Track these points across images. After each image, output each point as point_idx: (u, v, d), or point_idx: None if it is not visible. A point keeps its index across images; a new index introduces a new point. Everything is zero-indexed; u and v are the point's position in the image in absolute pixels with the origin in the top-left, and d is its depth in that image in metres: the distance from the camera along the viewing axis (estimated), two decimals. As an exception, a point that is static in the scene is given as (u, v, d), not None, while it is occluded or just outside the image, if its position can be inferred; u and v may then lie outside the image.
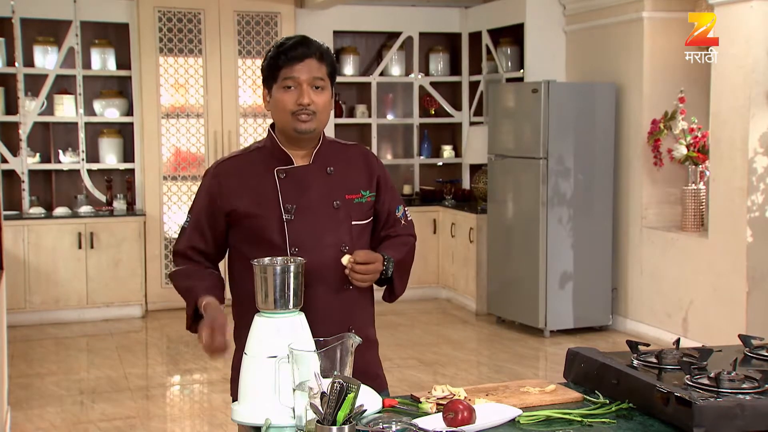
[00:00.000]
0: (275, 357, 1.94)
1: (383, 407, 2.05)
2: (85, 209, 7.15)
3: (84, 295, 7.04)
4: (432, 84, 8.25)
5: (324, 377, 1.78)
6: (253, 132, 7.60)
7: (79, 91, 7.29)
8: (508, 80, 7.48)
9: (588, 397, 2.14)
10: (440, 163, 8.41)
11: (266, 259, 2.09)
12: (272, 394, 1.94)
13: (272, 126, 2.40)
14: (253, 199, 2.33)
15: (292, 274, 2.03)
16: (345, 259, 2.27)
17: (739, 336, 2.45)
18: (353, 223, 2.37)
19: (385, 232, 2.47)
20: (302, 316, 2.06)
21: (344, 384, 1.68)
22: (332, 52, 2.41)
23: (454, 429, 1.88)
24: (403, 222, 2.49)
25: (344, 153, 2.44)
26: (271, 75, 2.33)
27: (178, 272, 2.40)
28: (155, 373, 5.85)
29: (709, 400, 1.89)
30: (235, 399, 2.15)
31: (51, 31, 7.29)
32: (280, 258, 2.10)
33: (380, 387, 2.36)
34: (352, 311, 2.36)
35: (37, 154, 7.26)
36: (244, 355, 2.04)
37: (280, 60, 2.29)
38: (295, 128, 2.31)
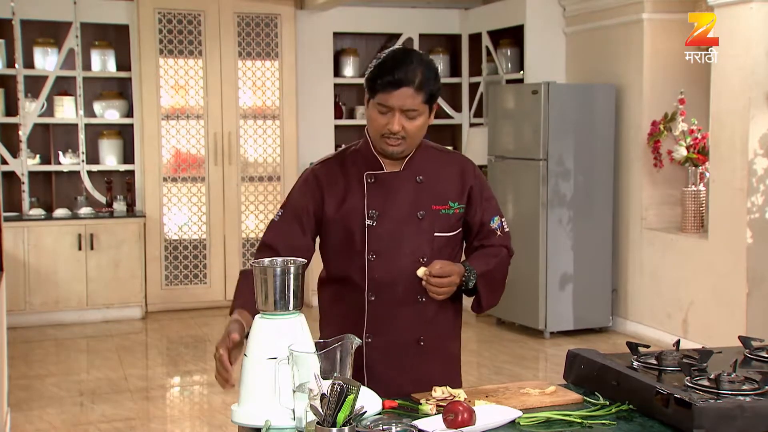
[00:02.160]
0: (276, 358, 1.94)
1: (383, 409, 2.05)
2: (85, 210, 7.15)
3: (84, 297, 7.04)
4: (432, 85, 8.24)
5: (324, 379, 1.78)
6: (252, 133, 7.60)
7: (79, 92, 7.29)
8: (508, 81, 7.48)
9: (588, 399, 2.14)
10: (440, 165, 8.40)
11: (266, 261, 2.09)
12: (273, 395, 1.94)
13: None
14: (341, 202, 2.34)
15: (292, 276, 2.03)
16: (421, 271, 2.25)
17: (739, 337, 2.45)
18: (436, 234, 2.34)
19: (478, 242, 2.43)
20: (302, 318, 2.06)
21: (344, 385, 1.68)
22: (432, 68, 2.28)
23: (454, 430, 1.87)
24: (499, 233, 2.43)
25: (440, 161, 2.40)
26: (370, 89, 2.30)
27: (245, 272, 2.30)
28: (155, 374, 5.85)
29: (709, 401, 1.89)
30: None
31: (51, 32, 7.30)
32: (279, 259, 2.10)
33: None
34: (424, 323, 2.35)
35: (37, 156, 7.26)
36: (244, 356, 2.04)
37: (377, 84, 2.26)
38: (383, 150, 2.31)
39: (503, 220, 2.46)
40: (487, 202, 2.43)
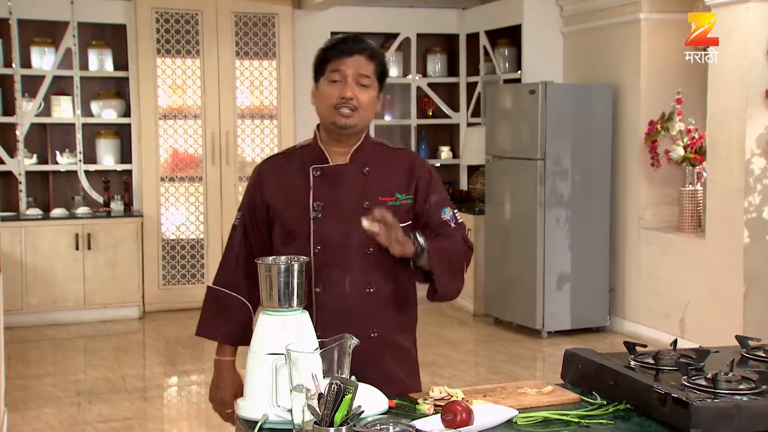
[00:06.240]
0: (280, 354, 1.95)
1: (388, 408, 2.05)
2: (82, 210, 7.14)
3: (81, 297, 7.03)
4: (429, 85, 8.26)
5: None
6: (250, 133, 7.59)
7: (77, 92, 7.28)
8: (506, 81, 7.49)
9: (585, 398, 2.14)
10: (438, 164, 8.41)
11: (270, 258, 2.11)
12: (273, 392, 1.96)
13: (319, 124, 2.42)
14: (286, 196, 2.37)
15: (296, 273, 2.04)
16: (366, 222, 2.18)
17: (736, 337, 2.45)
18: None
19: (431, 233, 2.39)
20: (306, 315, 2.07)
21: (341, 385, 1.68)
22: (381, 51, 2.38)
23: (452, 431, 1.87)
24: (452, 224, 2.40)
25: (387, 155, 2.41)
26: (319, 68, 2.35)
27: (215, 294, 2.43)
28: (152, 374, 5.85)
29: (706, 401, 1.89)
30: None
31: (48, 32, 7.29)
32: (284, 257, 2.11)
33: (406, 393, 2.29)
34: (374, 315, 2.34)
35: (35, 156, 7.25)
36: (249, 352, 2.05)
37: (330, 53, 2.32)
38: (336, 122, 2.31)
39: (455, 212, 2.43)
40: (437, 195, 2.41)
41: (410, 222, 2.37)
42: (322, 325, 2.28)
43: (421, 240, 2.28)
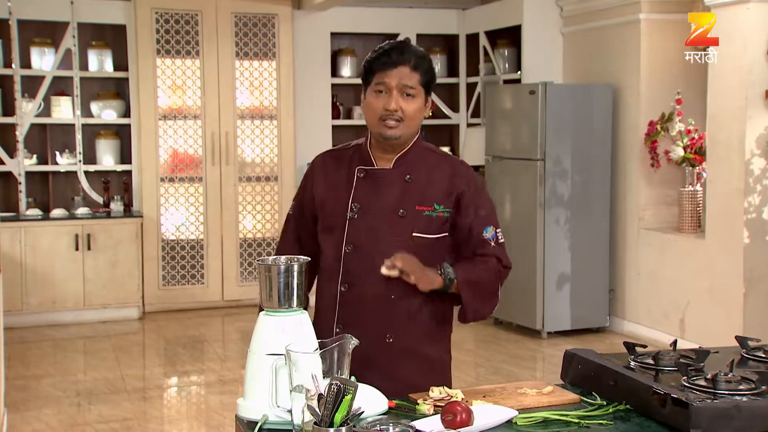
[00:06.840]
0: (280, 355, 1.95)
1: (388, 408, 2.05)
2: (82, 211, 7.14)
3: (81, 297, 7.03)
4: (429, 85, 8.24)
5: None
6: (250, 134, 7.59)
7: (77, 92, 7.28)
8: (506, 82, 7.49)
9: (585, 399, 2.14)
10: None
11: (270, 258, 2.12)
12: (273, 393, 1.96)
13: None
14: (330, 193, 2.42)
15: (295, 273, 2.05)
16: (384, 270, 2.24)
17: (736, 337, 2.46)
18: (415, 234, 2.34)
19: (470, 251, 2.39)
20: (306, 315, 2.07)
21: (341, 386, 1.68)
22: (427, 57, 2.39)
23: (452, 431, 1.87)
24: (492, 244, 2.39)
25: (433, 163, 2.41)
26: (366, 78, 2.40)
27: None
28: (152, 374, 5.85)
29: (706, 401, 1.89)
30: None
31: (48, 32, 7.28)
32: (284, 257, 2.12)
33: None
34: (393, 321, 2.36)
35: (34, 156, 7.25)
36: (249, 352, 2.05)
37: (375, 64, 2.36)
38: (381, 134, 2.35)
39: (498, 231, 2.41)
40: (480, 210, 2.40)
41: (446, 234, 2.38)
42: (342, 322, 2.37)
43: (449, 271, 2.30)
